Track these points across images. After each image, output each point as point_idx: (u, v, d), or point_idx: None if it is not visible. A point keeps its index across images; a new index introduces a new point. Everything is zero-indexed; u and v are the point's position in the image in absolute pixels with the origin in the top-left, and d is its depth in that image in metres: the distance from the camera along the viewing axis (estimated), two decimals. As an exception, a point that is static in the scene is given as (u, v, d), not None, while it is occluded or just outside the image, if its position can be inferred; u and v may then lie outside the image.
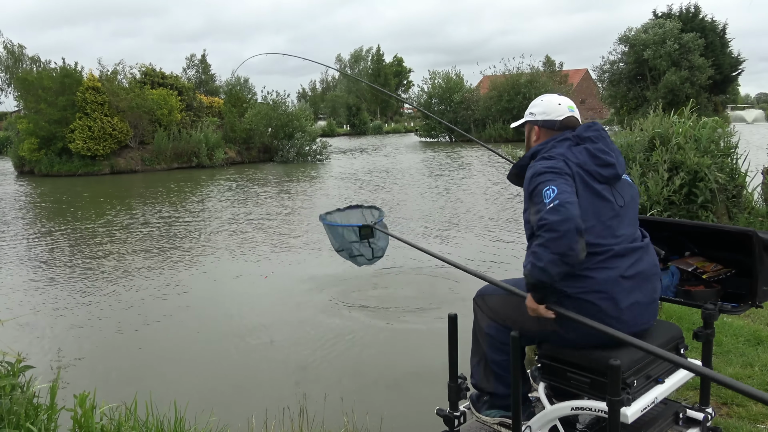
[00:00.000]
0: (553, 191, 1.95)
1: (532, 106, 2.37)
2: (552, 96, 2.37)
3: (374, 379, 4.39)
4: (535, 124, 2.33)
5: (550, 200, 1.93)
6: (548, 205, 1.92)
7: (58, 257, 8.63)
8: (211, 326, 5.54)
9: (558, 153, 2.12)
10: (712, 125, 6.33)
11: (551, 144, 2.19)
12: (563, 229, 1.86)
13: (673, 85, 31.82)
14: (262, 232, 10.11)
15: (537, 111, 2.33)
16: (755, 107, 71.76)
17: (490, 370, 2.33)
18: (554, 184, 1.97)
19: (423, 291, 6.46)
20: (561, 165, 2.07)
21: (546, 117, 2.29)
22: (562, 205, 1.90)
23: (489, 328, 2.32)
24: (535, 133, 2.33)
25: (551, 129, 2.27)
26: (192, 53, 68.80)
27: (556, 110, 2.29)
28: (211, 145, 24.53)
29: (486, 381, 2.36)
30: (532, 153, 2.23)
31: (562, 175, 2.03)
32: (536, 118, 2.32)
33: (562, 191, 1.94)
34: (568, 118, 2.27)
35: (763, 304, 2.26)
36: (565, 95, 2.38)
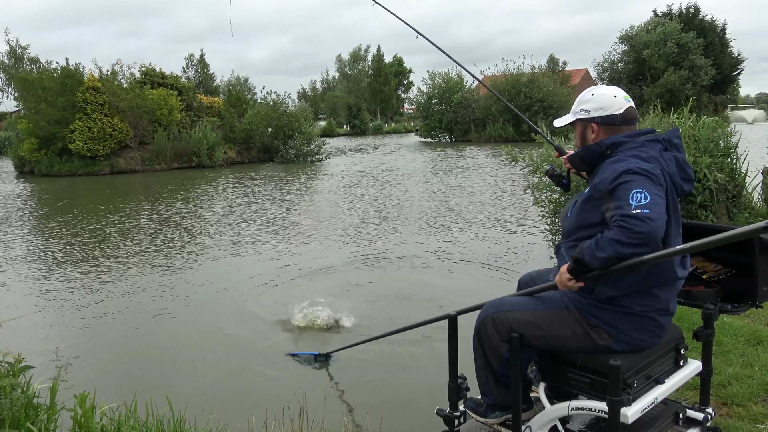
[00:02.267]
0: (645, 197, 1.82)
1: (583, 102, 2.19)
2: (603, 88, 2.18)
3: (374, 379, 4.39)
4: (592, 121, 2.15)
5: (638, 206, 1.81)
6: (634, 210, 1.81)
7: (58, 257, 8.63)
8: (211, 326, 5.54)
9: (652, 156, 1.97)
10: (711, 125, 6.32)
11: (640, 141, 2.02)
12: (643, 241, 1.80)
13: (672, 86, 31.81)
14: (263, 232, 10.10)
15: (591, 107, 2.15)
16: (755, 107, 71.72)
17: (501, 383, 2.28)
18: (647, 190, 1.84)
19: (424, 291, 6.46)
20: (658, 172, 1.92)
21: (604, 113, 2.12)
22: (650, 218, 1.79)
23: (509, 352, 2.18)
24: (593, 131, 2.15)
25: (612, 125, 2.11)
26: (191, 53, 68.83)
27: (614, 103, 2.12)
28: (211, 145, 24.51)
29: (500, 396, 2.30)
30: (612, 143, 2.05)
31: (657, 184, 1.89)
32: (592, 115, 2.14)
33: (655, 202, 1.82)
34: (628, 110, 2.12)
35: (763, 304, 2.26)
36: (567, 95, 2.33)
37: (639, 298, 2.02)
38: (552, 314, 2.14)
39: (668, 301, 2.06)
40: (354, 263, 7.81)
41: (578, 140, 2.23)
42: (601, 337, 2.06)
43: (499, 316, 2.21)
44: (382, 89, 68.99)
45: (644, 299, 2.02)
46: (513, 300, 2.26)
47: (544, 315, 2.15)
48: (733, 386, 3.20)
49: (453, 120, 40.53)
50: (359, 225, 10.52)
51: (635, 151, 1.99)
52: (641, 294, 2.01)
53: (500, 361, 2.23)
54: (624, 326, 2.04)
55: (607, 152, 2.06)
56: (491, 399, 2.34)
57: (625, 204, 1.83)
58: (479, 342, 2.29)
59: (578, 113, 2.19)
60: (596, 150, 2.10)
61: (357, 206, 12.72)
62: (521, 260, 7.60)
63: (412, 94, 56.08)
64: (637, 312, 2.02)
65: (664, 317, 2.08)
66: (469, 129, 39.95)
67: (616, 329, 2.04)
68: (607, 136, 2.10)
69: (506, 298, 2.30)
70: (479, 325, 2.28)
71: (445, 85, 41.01)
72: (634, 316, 2.03)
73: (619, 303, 2.03)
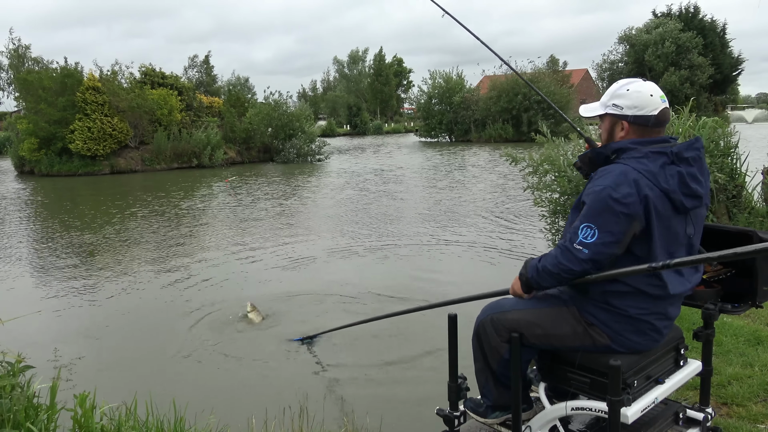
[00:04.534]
0: (592, 235, 1.87)
1: (616, 97, 2.03)
2: (640, 84, 2.01)
3: (374, 379, 4.39)
4: (623, 119, 2.01)
5: (582, 242, 1.89)
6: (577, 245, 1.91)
7: (58, 257, 8.63)
8: (212, 325, 5.54)
9: (648, 171, 1.89)
10: (711, 125, 6.32)
11: (645, 151, 1.93)
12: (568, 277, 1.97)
13: (672, 86, 31.81)
14: (264, 232, 10.10)
15: (625, 104, 2.00)
16: (755, 107, 71.78)
17: (501, 384, 2.28)
18: (599, 228, 1.86)
19: (421, 290, 6.45)
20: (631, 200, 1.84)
21: (638, 112, 1.97)
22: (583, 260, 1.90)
23: (509, 353, 2.17)
24: (624, 130, 2.02)
25: (645, 126, 1.98)
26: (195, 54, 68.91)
27: (649, 103, 1.97)
28: (211, 145, 24.51)
29: (499, 396, 2.30)
30: (618, 148, 1.99)
31: (617, 216, 1.85)
32: (625, 113, 2.00)
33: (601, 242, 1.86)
34: (663, 112, 1.98)
35: (763, 304, 2.26)
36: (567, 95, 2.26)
37: (632, 300, 1.99)
38: (551, 312, 2.13)
39: (666, 305, 2.04)
40: (354, 261, 7.82)
41: (604, 134, 2.10)
42: (600, 336, 2.06)
43: (498, 317, 2.21)
44: (382, 89, 69.05)
45: (638, 302, 1.99)
46: (511, 300, 2.27)
47: (543, 313, 2.14)
48: (733, 386, 3.20)
49: (453, 120, 40.53)
50: (360, 224, 10.52)
51: (635, 162, 1.92)
52: (634, 296, 1.99)
53: (500, 361, 2.22)
54: (620, 327, 2.03)
55: (612, 156, 2.01)
56: (491, 400, 2.33)
57: (574, 234, 1.93)
58: (478, 343, 2.29)
59: (610, 107, 2.05)
60: (603, 153, 2.05)
61: (358, 206, 12.72)
62: (520, 260, 7.59)
63: (412, 94, 56.11)
64: (632, 314, 2.01)
65: (661, 321, 2.04)
66: (469, 129, 39.96)
67: (612, 329, 2.03)
68: (639, 136, 2.00)
69: (504, 299, 2.30)
70: (478, 327, 2.29)
71: (445, 85, 41.01)
72: (629, 318, 2.01)
73: (613, 303, 2.02)
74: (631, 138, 2.01)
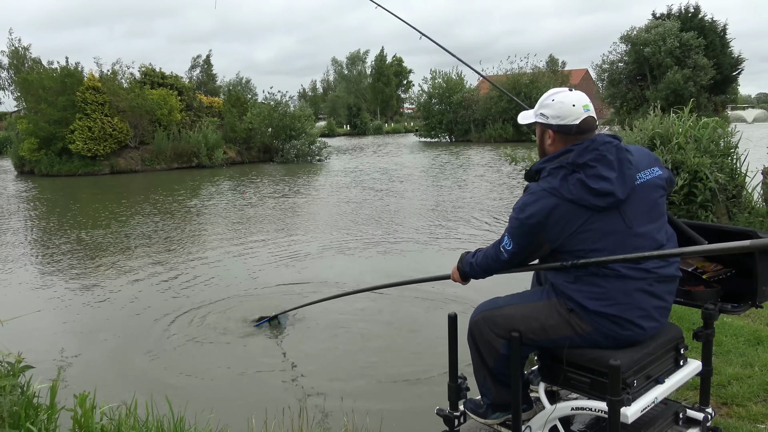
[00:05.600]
0: (508, 244, 2.16)
1: (543, 106, 2.16)
2: (565, 95, 2.13)
3: (374, 379, 4.39)
4: (549, 128, 2.14)
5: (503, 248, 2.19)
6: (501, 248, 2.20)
7: (58, 257, 8.63)
8: (212, 325, 5.53)
9: (551, 188, 2.02)
10: (712, 125, 6.33)
11: (549, 169, 2.07)
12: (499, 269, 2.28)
13: (677, 85, 31.76)
14: (265, 232, 10.10)
15: (549, 113, 2.13)
16: (755, 107, 71.80)
17: (499, 382, 2.28)
18: (513, 239, 2.14)
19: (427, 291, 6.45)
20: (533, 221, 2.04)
21: (560, 122, 2.10)
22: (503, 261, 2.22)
23: (505, 348, 2.20)
24: (550, 137, 2.16)
25: (567, 134, 2.10)
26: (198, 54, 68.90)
27: (571, 113, 2.09)
28: (211, 145, 24.51)
29: (498, 395, 2.31)
30: (536, 170, 2.13)
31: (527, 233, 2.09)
32: (549, 122, 2.13)
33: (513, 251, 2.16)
34: (585, 120, 2.09)
35: (763, 304, 2.26)
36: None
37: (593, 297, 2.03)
38: (544, 305, 2.15)
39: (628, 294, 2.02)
40: (354, 258, 7.82)
41: (538, 141, 2.24)
42: (584, 323, 2.06)
43: (494, 314, 2.24)
44: (383, 89, 69.12)
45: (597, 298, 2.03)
46: (505, 297, 2.31)
47: (537, 306, 2.16)
48: (733, 386, 3.20)
49: (453, 120, 40.56)
50: (360, 223, 10.52)
51: (543, 182, 2.07)
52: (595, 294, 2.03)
53: (496, 358, 2.23)
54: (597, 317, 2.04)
55: (536, 177, 2.13)
56: (490, 398, 2.34)
57: (501, 239, 2.21)
58: (473, 342, 2.31)
59: (538, 116, 2.19)
60: (531, 174, 2.18)
61: (358, 205, 12.72)
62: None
63: (413, 94, 56.10)
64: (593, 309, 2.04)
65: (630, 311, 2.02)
66: (469, 129, 39.99)
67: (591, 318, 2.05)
68: (563, 144, 2.12)
69: (496, 298, 2.33)
70: (471, 326, 2.31)
71: (445, 85, 41.04)
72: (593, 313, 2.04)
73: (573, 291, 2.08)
74: (557, 146, 2.15)
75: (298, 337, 5.27)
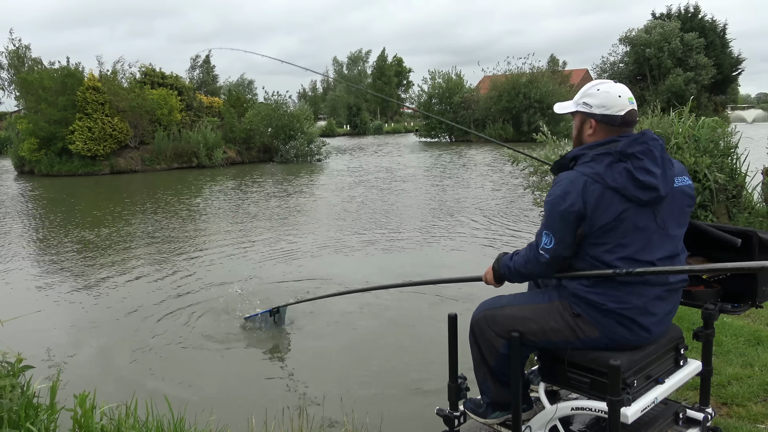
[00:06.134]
0: (549, 242, 2.04)
1: (587, 95, 2.12)
2: (610, 85, 2.11)
3: (374, 379, 4.39)
4: (591, 117, 2.10)
5: (544, 248, 2.06)
6: (540, 250, 2.07)
7: (58, 257, 8.63)
8: (212, 325, 5.53)
9: (594, 173, 1.98)
10: (711, 125, 6.33)
11: (592, 155, 2.02)
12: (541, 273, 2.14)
13: (678, 89, 31.77)
14: (266, 231, 10.10)
15: (594, 103, 2.09)
16: (755, 107, 71.79)
17: (499, 380, 2.29)
18: (554, 233, 2.02)
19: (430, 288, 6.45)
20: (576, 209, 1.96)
21: (605, 111, 2.06)
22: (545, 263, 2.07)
23: (504, 347, 2.20)
24: (591, 127, 2.11)
25: (611, 125, 2.06)
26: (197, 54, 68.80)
27: (617, 104, 2.06)
28: (211, 145, 24.51)
29: (498, 393, 2.31)
30: (573, 156, 2.08)
31: (565, 221, 1.99)
32: (593, 111, 2.09)
33: (557, 245, 2.03)
34: (630, 113, 2.07)
35: (763, 304, 2.26)
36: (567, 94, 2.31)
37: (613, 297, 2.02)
38: (546, 307, 2.15)
39: (645, 299, 2.02)
40: (355, 256, 7.82)
41: (575, 132, 2.20)
42: (590, 328, 2.06)
43: (495, 313, 2.24)
44: (383, 89, 69.11)
45: (618, 299, 2.02)
46: (508, 297, 2.31)
47: (536, 308, 2.17)
48: (733, 386, 3.20)
49: (453, 120, 40.55)
50: (361, 222, 10.52)
51: (584, 167, 2.02)
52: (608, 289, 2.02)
53: (496, 357, 2.24)
54: (604, 319, 2.04)
55: (571, 165, 2.09)
56: (490, 396, 2.34)
57: (538, 238, 2.09)
58: (474, 340, 2.31)
59: (580, 105, 2.14)
60: (563, 162, 2.14)
61: (358, 204, 12.72)
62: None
63: (413, 93, 56.00)
64: (611, 308, 2.02)
65: (643, 317, 2.03)
66: (468, 129, 39.96)
67: (599, 322, 2.05)
68: (605, 135, 2.08)
69: (499, 297, 2.33)
70: (473, 324, 2.31)
71: (445, 86, 41.04)
72: (609, 311, 2.03)
73: (591, 296, 2.05)
74: (598, 136, 2.10)
75: (298, 336, 5.27)
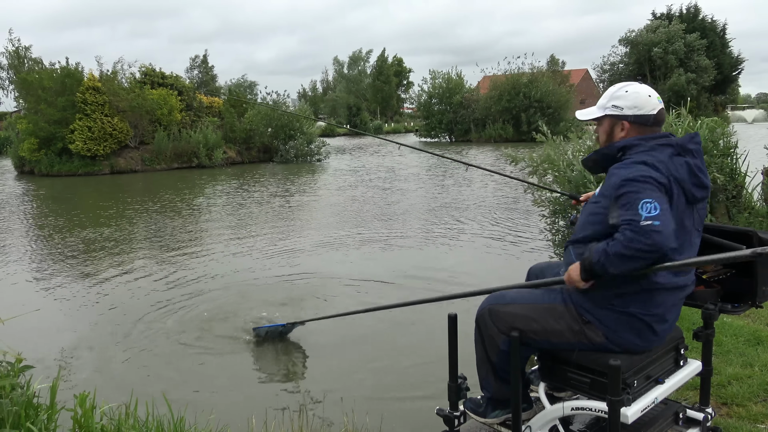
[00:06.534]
0: (655, 208, 1.81)
1: (616, 98, 2.11)
2: (637, 86, 2.11)
3: (374, 379, 4.39)
4: (624, 119, 2.08)
5: (649, 217, 1.80)
6: (644, 221, 1.80)
7: (58, 257, 8.63)
8: (213, 325, 5.53)
9: (659, 161, 1.94)
10: (710, 125, 6.32)
11: (651, 144, 1.99)
12: (651, 253, 1.81)
13: (680, 88, 31.85)
14: (266, 231, 10.10)
15: (625, 104, 2.08)
16: (755, 107, 71.82)
17: (500, 377, 2.29)
18: (657, 200, 1.82)
19: (420, 284, 6.46)
20: (665, 181, 1.90)
21: (638, 112, 2.06)
22: (659, 231, 1.78)
23: (505, 344, 2.19)
24: (624, 130, 2.09)
25: (644, 125, 2.06)
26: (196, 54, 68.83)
27: (649, 103, 2.06)
28: (211, 145, 24.51)
29: (498, 390, 2.32)
30: (623, 145, 2.04)
31: (663, 193, 1.88)
32: (625, 113, 2.07)
33: (665, 213, 1.81)
34: (660, 111, 2.08)
35: (763, 304, 2.26)
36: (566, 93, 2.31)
37: (633, 298, 2.01)
38: (549, 308, 2.14)
39: (665, 307, 2.04)
40: (356, 256, 7.82)
41: (603, 136, 2.16)
42: (596, 335, 2.06)
43: (498, 309, 2.23)
44: (383, 88, 69.17)
45: (639, 302, 2.01)
46: (513, 293, 2.28)
47: (541, 309, 2.15)
48: (733, 386, 3.20)
49: (453, 120, 40.56)
50: (364, 220, 10.52)
51: (644, 156, 1.96)
52: (636, 295, 2.01)
53: (498, 354, 2.23)
54: (617, 326, 2.04)
55: (619, 155, 2.05)
56: (491, 392, 2.34)
57: (635, 214, 1.82)
58: (479, 334, 2.31)
59: (609, 108, 2.12)
60: (609, 153, 2.09)
61: (358, 204, 12.72)
62: (521, 260, 7.59)
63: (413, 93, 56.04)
64: (632, 313, 2.02)
65: (659, 324, 2.04)
66: (469, 129, 39.98)
67: (609, 328, 2.04)
68: (638, 135, 2.06)
69: (507, 292, 2.31)
70: (478, 317, 2.30)
71: (445, 85, 41.05)
72: (628, 317, 2.02)
73: (613, 302, 2.03)
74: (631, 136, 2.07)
75: (298, 336, 5.26)
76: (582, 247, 2.07)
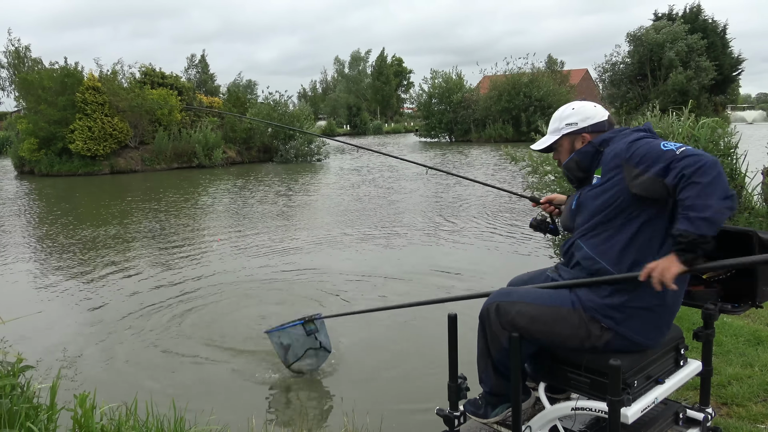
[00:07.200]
0: (673, 144, 1.85)
1: (566, 117, 2.26)
2: (577, 103, 2.31)
3: (374, 379, 4.39)
4: (582, 132, 2.23)
5: (679, 147, 1.80)
6: (680, 149, 1.79)
7: (58, 257, 8.63)
8: (213, 325, 5.53)
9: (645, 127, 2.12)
10: (711, 125, 6.32)
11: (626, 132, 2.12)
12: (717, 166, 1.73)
13: (681, 85, 31.87)
14: (266, 230, 10.10)
15: (578, 119, 2.24)
16: (755, 107, 71.83)
17: (500, 373, 2.29)
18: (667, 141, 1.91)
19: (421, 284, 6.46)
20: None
21: (593, 121, 2.22)
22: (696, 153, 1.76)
23: (508, 341, 2.18)
24: (584, 142, 2.23)
25: (601, 132, 2.21)
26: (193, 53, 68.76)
27: (597, 112, 2.24)
28: (211, 145, 24.51)
29: (497, 385, 2.32)
30: (604, 138, 2.15)
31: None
32: (581, 126, 2.23)
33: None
34: (610, 117, 2.25)
35: (763, 304, 2.26)
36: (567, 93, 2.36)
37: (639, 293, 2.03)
38: (556, 311, 2.13)
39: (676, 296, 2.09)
40: (356, 257, 7.82)
41: (566, 155, 2.27)
42: (603, 335, 2.07)
43: (505, 306, 2.21)
44: (382, 88, 69.20)
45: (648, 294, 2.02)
46: (521, 291, 2.26)
47: (548, 311, 2.14)
48: (733, 386, 3.21)
49: (453, 120, 40.57)
50: (366, 219, 10.53)
51: (627, 138, 2.06)
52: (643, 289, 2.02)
53: (499, 350, 2.24)
54: (632, 323, 2.04)
55: (601, 149, 2.14)
56: (489, 386, 2.35)
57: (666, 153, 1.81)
58: (482, 327, 2.31)
59: (564, 128, 2.25)
60: (590, 150, 2.17)
61: (359, 204, 12.72)
62: (520, 260, 7.60)
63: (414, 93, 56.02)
64: (649, 306, 2.04)
65: (670, 315, 2.12)
66: (469, 129, 39.99)
67: (623, 326, 2.05)
68: None
69: (515, 289, 2.30)
70: (483, 312, 2.30)
71: (445, 85, 41.05)
72: (645, 311, 2.04)
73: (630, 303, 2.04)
74: None
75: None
76: (596, 236, 2.06)
